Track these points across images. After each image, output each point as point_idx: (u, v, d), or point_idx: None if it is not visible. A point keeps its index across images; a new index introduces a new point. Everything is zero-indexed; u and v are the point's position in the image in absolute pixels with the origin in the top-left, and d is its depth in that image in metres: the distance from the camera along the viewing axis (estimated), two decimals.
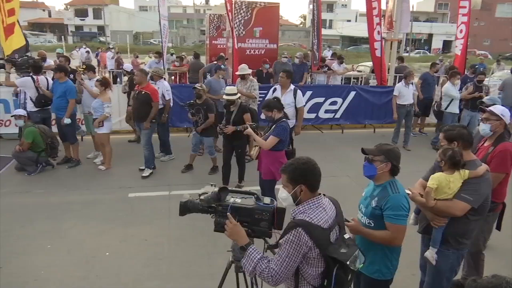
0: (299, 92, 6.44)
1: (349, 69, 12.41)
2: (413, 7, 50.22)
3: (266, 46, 12.01)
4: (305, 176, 2.13)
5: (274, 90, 6.64)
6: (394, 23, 10.27)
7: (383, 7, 10.54)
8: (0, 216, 5.12)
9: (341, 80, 11.48)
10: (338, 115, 10.04)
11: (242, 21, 11.79)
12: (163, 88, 7.13)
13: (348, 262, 2.00)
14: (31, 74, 6.85)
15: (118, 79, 11.00)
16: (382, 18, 10.39)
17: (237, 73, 7.63)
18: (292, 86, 6.48)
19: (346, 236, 2.18)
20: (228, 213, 2.18)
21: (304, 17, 74.16)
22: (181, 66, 11.64)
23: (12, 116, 6.91)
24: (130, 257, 4.31)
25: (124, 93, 8.17)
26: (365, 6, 10.05)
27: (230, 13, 9.76)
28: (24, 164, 6.54)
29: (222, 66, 7.86)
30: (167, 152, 7.51)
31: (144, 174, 6.59)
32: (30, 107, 6.81)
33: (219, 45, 14.42)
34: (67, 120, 6.66)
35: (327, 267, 2.05)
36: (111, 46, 20.39)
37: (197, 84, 6.01)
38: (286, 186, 2.18)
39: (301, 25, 69.88)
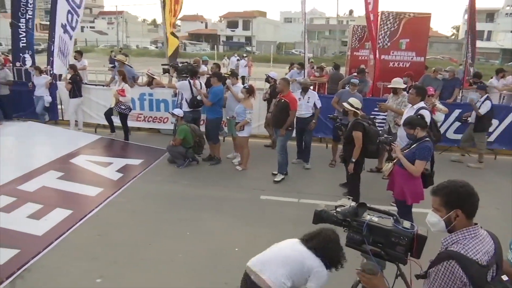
0: (424, 111, 5.53)
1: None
2: None
3: (412, 59, 11.29)
4: (462, 201, 1.92)
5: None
6: None
7: None
8: (153, 200, 5.92)
9: (500, 98, 10.10)
10: (491, 139, 8.84)
11: (388, 32, 11.31)
12: (314, 97, 7.42)
13: None
14: (188, 78, 7.74)
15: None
16: None
17: (389, 86, 7.27)
18: (420, 104, 5.70)
19: (504, 278, 1.90)
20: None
21: (457, 28, 67.66)
22: (320, 77, 11.73)
23: (170, 113, 7.90)
24: None
25: (265, 100, 8.60)
26: None
27: (373, 24, 9.48)
28: (175, 157, 7.40)
29: (354, 80, 7.63)
30: (305, 159, 7.62)
31: (276, 179, 6.81)
32: (185, 107, 7.69)
33: (361, 56, 14.11)
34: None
35: None
36: (244, 55, 21.74)
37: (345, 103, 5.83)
38: (438, 210, 1.98)
39: (453, 37, 63.91)
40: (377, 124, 6.33)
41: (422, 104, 5.73)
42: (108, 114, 8.82)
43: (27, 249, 4.29)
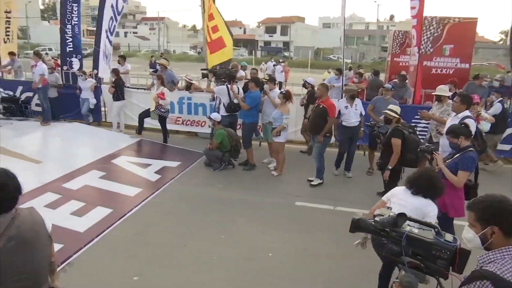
0: (469, 120, 5.22)
1: None
2: None
3: (456, 65, 10.90)
4: (499, 217, 1.80)
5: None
6: None
7: None
8: (189, 202, 6.03)
9: None
10: None
11: (431, 37, 10.99)
12: (360, 104, 7.26)
13: None
14: (226, 83, 7.84)
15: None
16: None
17: (433, 93, 7.03)
18: (465, 113, 5.39)
19: None
20: None
21: (506, 33, 64.53)
22: (359, 83, 11.53)
23: (208, 117, 8.02)
24: (289, 263, 4.46)
25: (302, 105, 8.56)
26: None
27: (416, 29, 9.21)
28: (211, 160, 7.50)
29: (387, 85, 7.39)
30: (347, 168, 7.45)
31: (313, 183, 6.79)
32: (222, 111, 7.79)
33: (401, 62, 13.77)
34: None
35: None
36: (281, 61, 21.72)
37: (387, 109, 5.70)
38: (473, 226, 1.87)
39: (501, 42, 61.01)
40: (418, 133, 6.15)
41: (467, 112, 5.48)
42: (142, 116, 9.08)
43: (70, 245, 4.48)
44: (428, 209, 3.26)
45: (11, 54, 12.10)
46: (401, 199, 3.36)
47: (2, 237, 1.94)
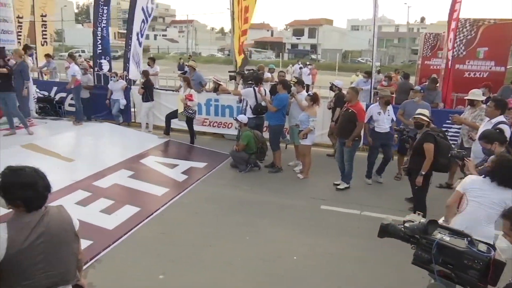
0: (503, 126, 5.03)
1: None
2: None
3: (490, 68, 10.55)
4: None
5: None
6: None
7: None
8: (215, 203, 6.07)
9: None
10: None
11: (464, 40, 10.70)
12: (391, 110, 7.09)
13: None
14: (253, 85, 7.87)
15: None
16: None
17: (466, 97, 6.81)
18: (499, 118, 5.21)
19: None
20: None
21: None
22: (388, 86, 11.32)
23: (234, 119, 8.08)
24: (314, 267, 4.42)
25: (329, 108, 8.48)
26: None
27: (453, 31, 8.95)
28: (237, 162, 7.53)
29: (416, 87, 7.20)
30: (380, 172, 7.27)
31: (339, 187, 6.72)
32: (249, 114, 7.82)
33: (432, 65, 13.47)
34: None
35: None
36: (308, 63, 21.58)
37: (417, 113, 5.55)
38: (508, 235, 1.84)
39: None
40: (449, 138, 5.97)
41: (501, 118, 5.27)
42: (169, 117, 9.22)
43: (99, 241, 4.60)
44: (508, 203, 3.14)
45: (47, 56, 12.63)
46: (479, 196, 3.27)
47: (32, 234, 2.00)
